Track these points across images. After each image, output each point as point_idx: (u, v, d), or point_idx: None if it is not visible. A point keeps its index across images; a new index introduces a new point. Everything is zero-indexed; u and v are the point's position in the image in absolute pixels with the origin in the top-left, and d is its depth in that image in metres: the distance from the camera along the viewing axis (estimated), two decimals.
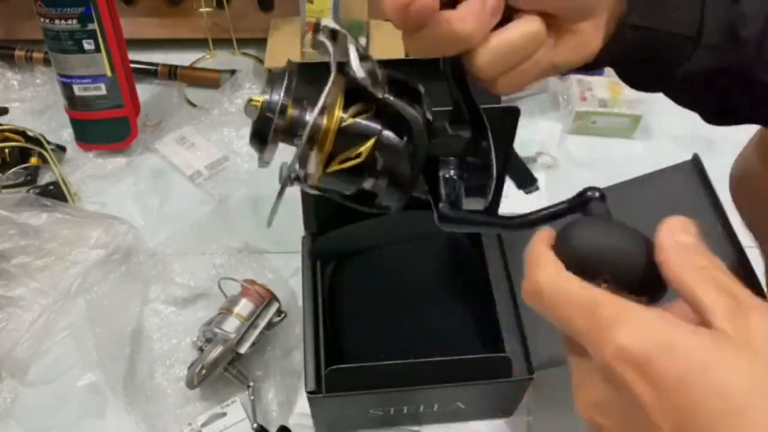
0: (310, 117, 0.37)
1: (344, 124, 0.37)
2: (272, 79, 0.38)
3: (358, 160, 0.38)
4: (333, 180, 0.39)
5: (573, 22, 0.36)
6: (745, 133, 0.59)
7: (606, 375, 0.26)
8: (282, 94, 0.38)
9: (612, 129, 1.05)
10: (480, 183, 0.40)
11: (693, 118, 0.46)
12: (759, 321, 0.25)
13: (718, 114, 0.43)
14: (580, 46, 0.37)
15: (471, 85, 0.38)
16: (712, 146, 1.02)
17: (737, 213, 0.63)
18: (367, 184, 0.39)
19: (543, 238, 0.33)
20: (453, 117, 0.40)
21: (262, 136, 0.39)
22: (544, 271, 0.31)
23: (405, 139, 0.38)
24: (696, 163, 0.67)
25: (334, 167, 0.38)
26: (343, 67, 0.36)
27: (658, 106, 1.07)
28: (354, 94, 0.38)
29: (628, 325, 0.26)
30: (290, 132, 0.39)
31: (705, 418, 0.24)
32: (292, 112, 0.38)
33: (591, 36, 0.36)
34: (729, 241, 0.61)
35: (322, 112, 0.37)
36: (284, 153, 0.41)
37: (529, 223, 0.38)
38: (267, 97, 0.38)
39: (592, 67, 0.39)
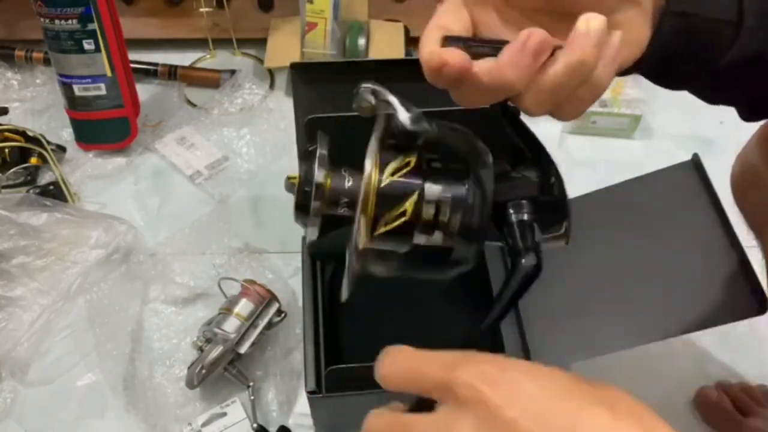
0: (350, 184, 0.37)
1: (383, 184, 0.36)
2: (308, 154, 0.38)
3: (403, 219, 0.37)
4: (383, 243, 0.38)
5: (622, 9, 0.35)
6: (746, 133, 0.59)
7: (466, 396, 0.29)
8: (316, 167, 0.37)
9: (612, 129, 1.05)
10: (556, 219, 0.38)
11: (693, 118, 0.46)
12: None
13: (756, 107, 0.42)
14: (632, 40, 0.36)
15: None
16: (712, 146, 1.02)
17: (737, 213, 0.63)
18: (420, 239, 0.38)
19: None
20: (515, 159, 0.39)
21: (304, 208, 0.38)
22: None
23: (466, 187, 0.37)
24: (696, 163, 0.67)
25: (381, 230, 0.37)
26: (388, 119, 0.36)
27: (658, 106, 1.08)
28: (393, 149, 0.37)
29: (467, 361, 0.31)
30: (333, 202, 0.38)
31: None
32: (330, 182, 0.38)
33: (640, 27, 0.36)
34: (729, 241, 0.61)
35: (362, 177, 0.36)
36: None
37: None
38: (302, 170, 0.38)
39: (633, 69, 0.38)
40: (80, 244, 0.85)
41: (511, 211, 0.38)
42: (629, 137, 1.05)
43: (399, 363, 0.33)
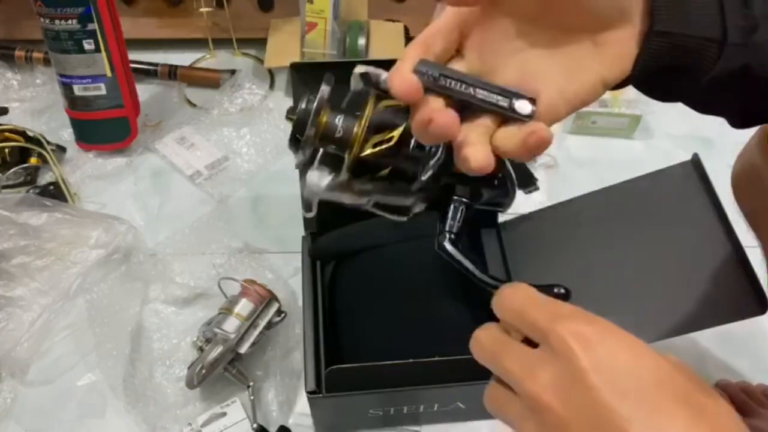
0: (340, 122, 0.41)
1: (378, 111, 0.40)
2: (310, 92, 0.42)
3: (390, 143, 0.40)
4: (366, 165, 0.42)
5: (610, 28, 0.36)
6: (745, 133, 0.59)
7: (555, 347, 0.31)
8: (318, 98, 0.41)
9: (612, 129, 1.05)
10: (498, 202, 0.44)
11: (693, 118, 0.46)
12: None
13: (745, 117, 0.43)
14: (619, 57, 0.37)
15: None
16: (712, 146, 1.02)
17: (737, 213, 0.63)
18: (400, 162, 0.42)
19: None
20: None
21: (301, 130, 0.42)
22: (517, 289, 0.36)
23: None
24: (696, 163, 0.67)
25: (368, 150, 0.41)
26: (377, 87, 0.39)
27: (658, 106, 1.06)
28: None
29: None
30: (326, 137, 0.42)
31: None
32: (326, 118, 0.41)
33: (628, 45, 0.37)
34: (729, 241, 0.61)
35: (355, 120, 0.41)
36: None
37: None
38: (302, 104, 0.41)
39: (627, 81, 0.39)
40: (80, 244, 0.85)
41: (457, 192, 0.44)
42: (629, 137, 1.05)
43: (516, 299, 0.35)
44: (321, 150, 0.42)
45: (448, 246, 0.44)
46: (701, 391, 0.30)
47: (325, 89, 0.41)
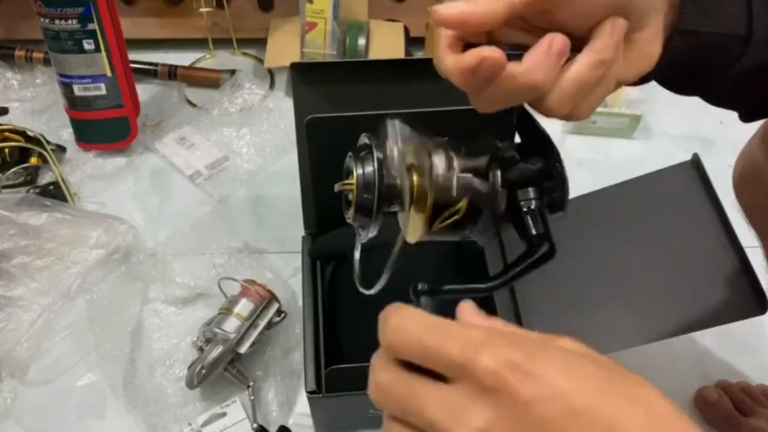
0: (406, 180, 0.38)
1: (440, 182, 0.38)
2: (359, 156, 0.39)
3: (457, 217, 0.39)
4: (435, 235, 0.40)
5: (633, 30, 0.36)
6: (746, 133, 0.59)
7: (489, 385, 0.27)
8: (376, 169, 0.39)
9: (612, 129, 1.05)
10: (559, 201, 0.41)
11: (693, 118, 0.46)
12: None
13: (757, 111, 0.43)
14: (643, 57, 0.37)
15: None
16: (712, 146, 1.02)
17: (737, 213, 0.63)
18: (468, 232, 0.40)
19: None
20: (522, 152, 0.41)
21: (367, 210, 0.40)
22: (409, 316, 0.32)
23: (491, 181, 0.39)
24: (696, 163, 0.67)
25: (438, 226, 0.39)
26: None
27: (658, 106, 1.08)
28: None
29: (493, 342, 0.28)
30: (388, 200, 0.40)
31: None
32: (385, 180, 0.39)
33: (651, 45, 0.36)
34: (729, 241, 0.61)
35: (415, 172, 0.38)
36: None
37: None
38: (360, 171, 0.39)
39: (648, 78, 0.39)
40: (80, 244, 0.85)
41: (521, 198, 0.40)
42: (629, 137, 1.05)
43: (412, 332, 0.30)
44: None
45: (552, 248, 0.40)
46: (640, 384, 0.28)
47: (379, 156, 0.39)
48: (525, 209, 0.40)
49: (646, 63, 0.37)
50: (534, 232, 0.39)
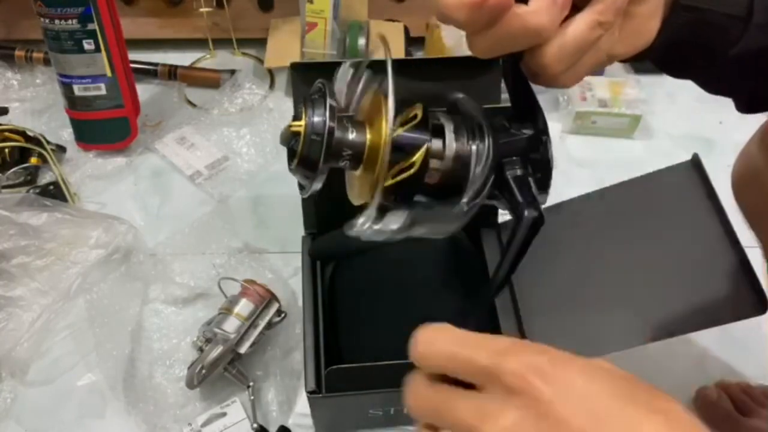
0: (353, 135, 0.36)
1: (394, 136, 0.36)
2: (310, 99, 0.37)
3: (411, 171, 0.37)
4: (386, 197, 0.38)
5: (633, 4, 0.36)
6: (745, 133, 0.59)
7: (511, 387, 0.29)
8: (327, 114, 0.36)
9: (612, 129, 1.05)
10: (543, 178, 0.40)
11: (693, 118, 0.46)
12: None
13: (754, 101, 0.43)
14: (638, 33, 0.37)
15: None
16: (712, 146, 1.02)
17: (737, 213, 0.63)
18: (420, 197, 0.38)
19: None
20: (512, 116, 0.40)
21: (311, 163, 0.37)
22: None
23: (476, 141, 0.37)
24: (696, 163, 0.67)
25: (389, 182, 0.37)
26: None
27: (658, 106, 1.08)
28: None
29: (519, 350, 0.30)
30: (336, 154, 0.37)
31: None
32: (336, 132, 0.37)
33: (649, 21, 0.37)
34: (729, 241, 0.61)
35: (371, 127, 0.36)
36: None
37: None
38: (309, 119, 0.36)
39: (643, 56, 0.38)
40: (80, 244, 0.85)
41: (507, 167, 0.39)
42: (629, 137, 1.05)
43: (441, 343, 0.32)
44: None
45: (540, 213, 0.38)
46: (658, 395, 0.29)
47: (332, 104, 0.37)
48: (511, 177, 0.39)
49: (643, 39, 0.37)
50: (521, 199, 0.38)
